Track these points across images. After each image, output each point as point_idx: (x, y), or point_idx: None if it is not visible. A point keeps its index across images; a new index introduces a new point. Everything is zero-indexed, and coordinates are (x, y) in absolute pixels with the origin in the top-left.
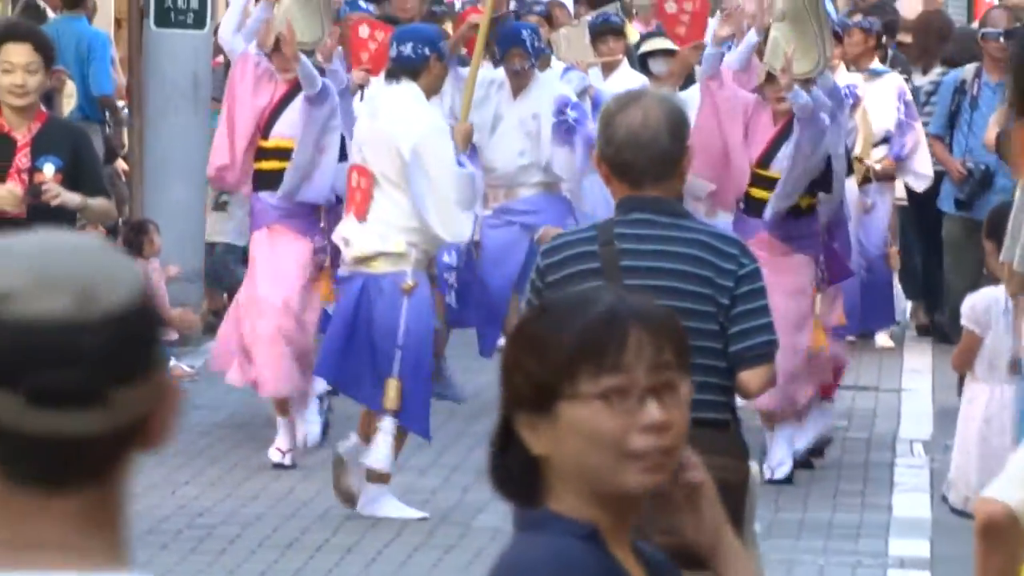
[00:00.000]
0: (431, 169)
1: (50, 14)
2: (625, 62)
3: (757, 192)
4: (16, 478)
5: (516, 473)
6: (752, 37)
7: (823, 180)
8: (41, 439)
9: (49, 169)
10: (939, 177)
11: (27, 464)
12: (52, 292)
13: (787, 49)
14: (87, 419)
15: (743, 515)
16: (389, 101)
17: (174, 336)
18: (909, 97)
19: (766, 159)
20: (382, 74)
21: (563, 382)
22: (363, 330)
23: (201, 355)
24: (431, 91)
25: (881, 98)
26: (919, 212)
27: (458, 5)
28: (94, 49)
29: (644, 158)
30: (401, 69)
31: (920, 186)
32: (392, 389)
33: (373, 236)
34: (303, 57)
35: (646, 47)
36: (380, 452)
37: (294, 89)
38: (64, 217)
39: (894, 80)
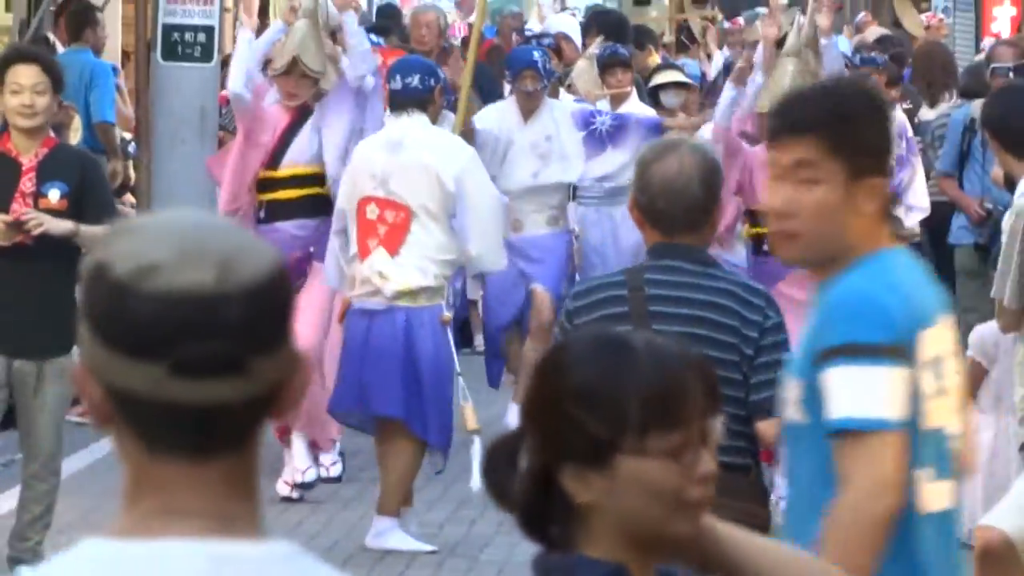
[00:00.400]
0: (474, 198)
1: (59, 48)
2: (634, 94)
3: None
4: (159, 447)
5: (552, 518)
6: (727, 90)
7: None
8: (184, 408)
9: (54, 194)
10: (948, 210)
11: (171, 433)
12: (196, 265)
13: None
14: (228, 387)
15: None
16: (413, 133)
17: None
18: (911, 133)
19: None
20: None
21: (627, 438)
22: (414, 365)
23: None
24: (433, 122)
25: None
26: (932, 247)
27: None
28: (96, 77)
29: (677, 207)
30: (410, 101)
31: (913, 219)
32: (469, 413)
33: (413, 270)
34: (355, 22)
35: (657, 79)
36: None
37: (300, 116)
38: (65, 247)
39: (896, 116)
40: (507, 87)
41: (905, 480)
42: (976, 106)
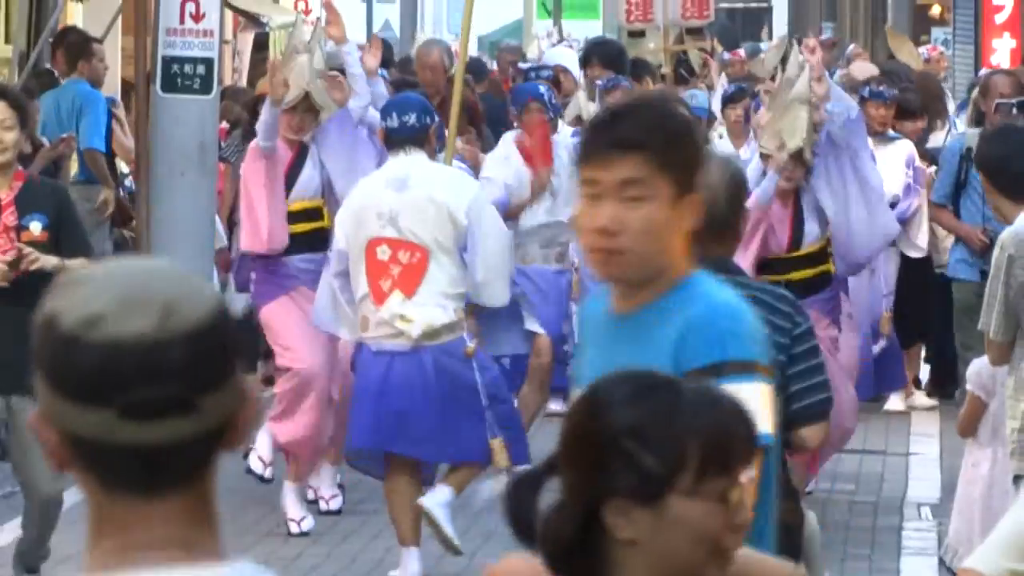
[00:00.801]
0: (485, 231)
1: (62, 80)
2: None
3: (797, 275)
4: (116, 487)
5: (581, 554)
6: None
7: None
8: (136, 449)
9: (36, 226)
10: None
11: (125, 473)
12: (138, 312)
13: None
14: (178, 427)
15: (803, 555)
16: (417, 170)
17: None
18: (919, 163)
19: (795, 241)
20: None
21: (682, 477)
22: (447, 402)
23: None
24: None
25: (891, 163)
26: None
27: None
28: (86, 106)
29: (703, 219)
30: (408, 139)
31: (913, 253)
32: (499, 449)
33: (435, 309)
34: (355, 55)
35: None
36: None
37: (301, 152)
38: (50, 282)
39: (905, 146)
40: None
41: None
42: (972, 135)
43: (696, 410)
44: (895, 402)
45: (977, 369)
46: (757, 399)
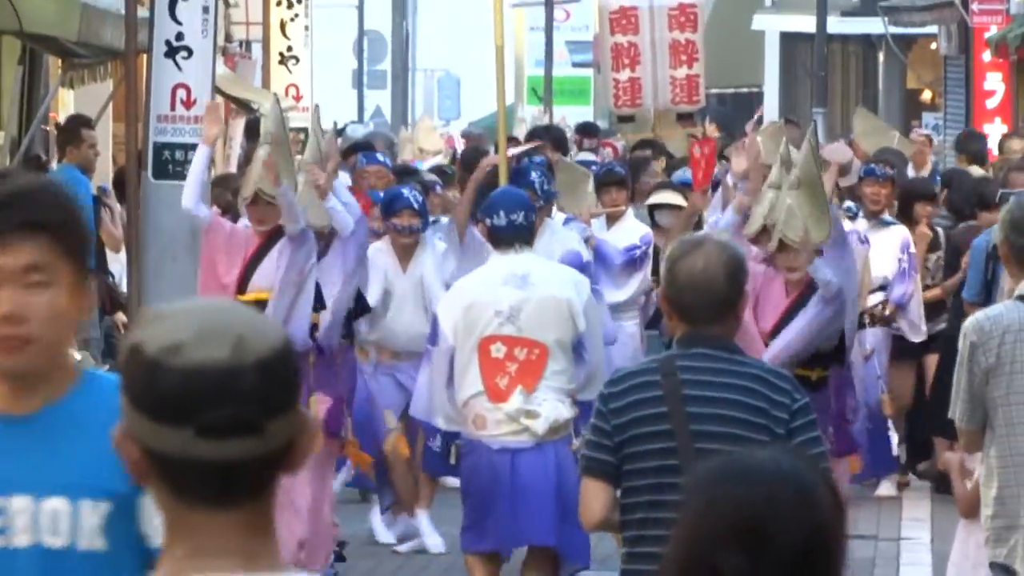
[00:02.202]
0: (594, 329)
1: (53, 165)
2: (630, 212)
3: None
4: (188, 498)
5: None
6: (729, 215)
7: (836, 354)
8: (208, 465)
9: None
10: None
11: (197, 486)
12: (214, 342)
13: (802, 219)
14: (246, 446)
15: None
16: (536, 267)
17: None
18: (913, 249)
19: (779, 330)
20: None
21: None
22: (564, 496)
23: None
24: None
25: (885, 247)
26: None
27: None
28: None
29: (703, 301)
30: (517, 236)
31: (915, 337)
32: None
33: (557, 405)
34: (287, 190)
35: (654, 199)
36: None
37: (268, 241)
38: None
39: (899, 231)
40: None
41: None
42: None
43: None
44: (886, 487)
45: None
46: None
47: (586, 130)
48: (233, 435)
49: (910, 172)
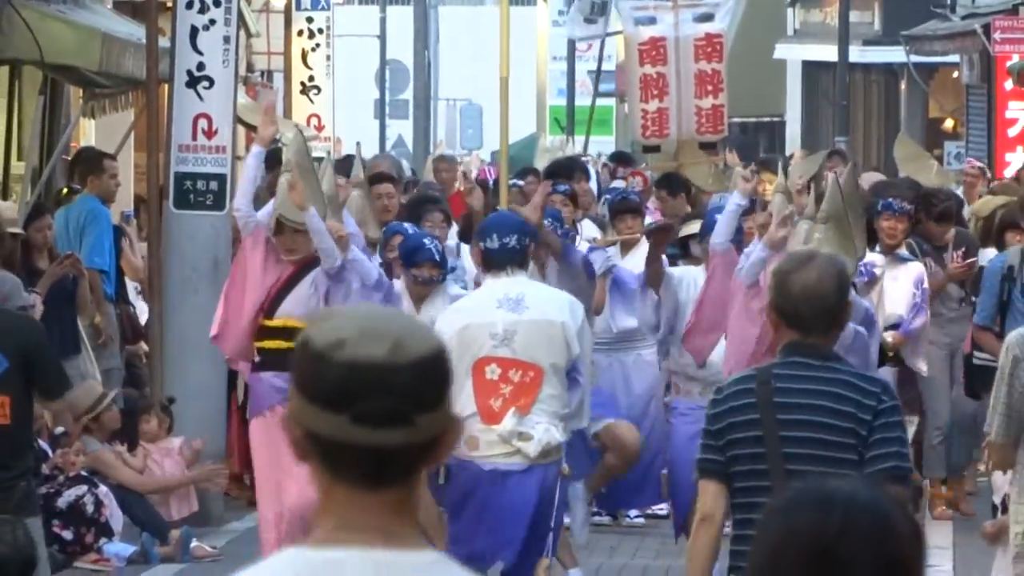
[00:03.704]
0: (586, 355)
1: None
2: (643, 240)
3: None
4: (341, 478)
5: None
6: (760, 251)
7: None
8: (361, 449)
9: None
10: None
11: (350, 467)
12: (373, 342)
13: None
14: (396, 435)
15: None
16: (531, 290)
17: (195, 509)
18: (926, 285)
19: None
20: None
21: None
22: (538, 519)
23: (223, 535)
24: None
25: (900, 284)
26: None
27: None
28: (90, 223)
29: (816, 311)
30: (509, 260)
31: (922, 370)
32: (543, 570)
33: (550, 428)
34: (313, 215)
35: (686, 230)
36: None
37: (301, 270)
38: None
39: (915, 267)
40: None
41: None
42: (1014, 253)
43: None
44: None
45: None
46: None
47: (621, 159)
48: (385, 425)
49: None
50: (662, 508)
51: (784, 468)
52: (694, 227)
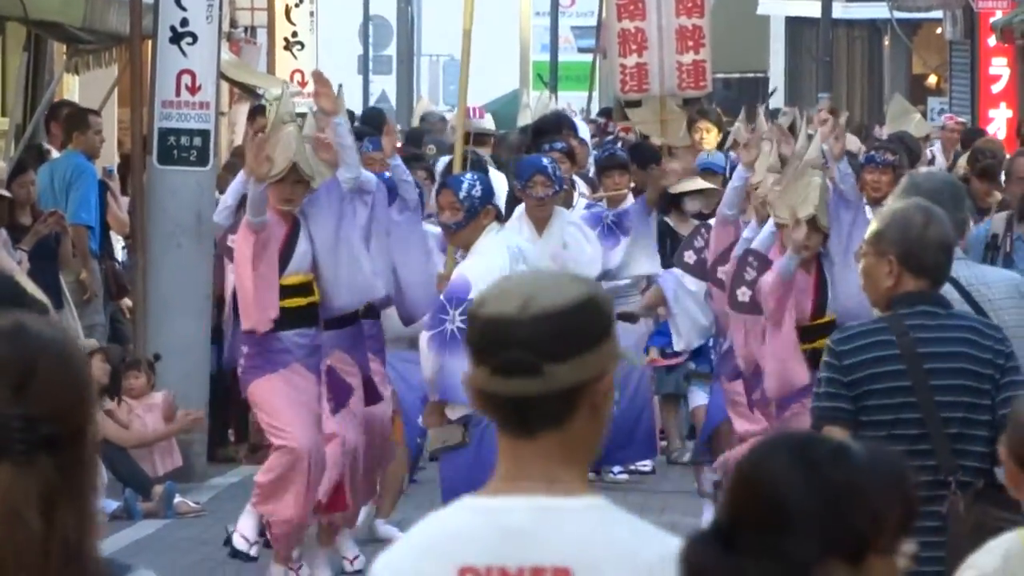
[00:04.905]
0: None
1: (55, 154)
2: (630, 196)
3: (823, 343)
4: (502, 429)
5: None
6: (770, 226)
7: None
8: (503, 399)
9: None
10: None
11: (503, 416)
12: (507, 299)
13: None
14: (528, 385)
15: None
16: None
17: (179, 463)
18: None
19: (819, 308)
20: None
21: (884, 538)
22: None
23: (206, 490)
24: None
25: None
26: None
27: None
28: (76, 179)
29: (948, 263)
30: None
31: None
32: None
33: None
34: (345, 129)
35: (678, 187)
36: None
37: (294, 228)
38: None
39: None
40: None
41: None
42: (998, 221)
43: (898, 472)
44: None
45: None
46: None
47: (611, 114)
48: (516, 375)
49: (939, 157)
50: (646, 465)
51: (940, 417)
52: (690, 184)
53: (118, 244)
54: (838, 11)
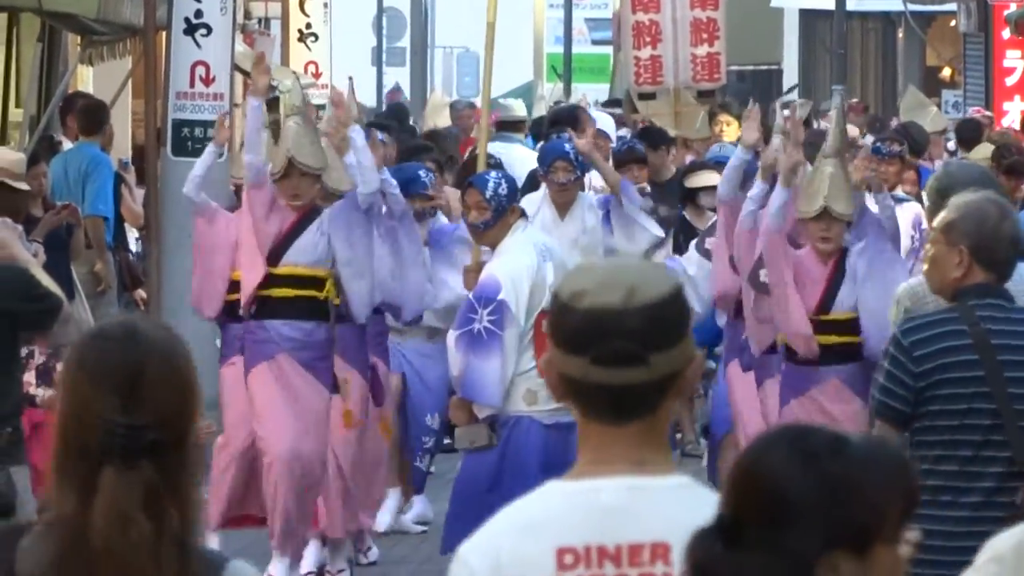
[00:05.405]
0: None
1: (67, 144)
2: (647, 188)
3: (822, 339)
4: (592, 415)
5: None
6: (782, 195)
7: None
8: (602, 388)
9: None
10: None
11: (597, 405)
12: (609, 290)
13: (843, 185)
14: (633, 374)
15: None
16: (550, 242)
17: None
18: (925, 225)
19: (824, 305)
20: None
21: (887, 528)
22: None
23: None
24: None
25: (900, 224)
26: None
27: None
28: (92, 171)
29: (1016, 256)
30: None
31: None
32: None
33: None
34: (362, 137)
35: (694, 182)
36: None
37: (305, 218)
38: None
39: (912, 208)
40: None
41: None
42: None
43: (897, 462)
44: None
45: None
46: None
47: (622, 105)
48: (621, 365)
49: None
50: None
51: (1013, 408)
52: (704, 179)
53: (132, 235)
54: (852, 3)
